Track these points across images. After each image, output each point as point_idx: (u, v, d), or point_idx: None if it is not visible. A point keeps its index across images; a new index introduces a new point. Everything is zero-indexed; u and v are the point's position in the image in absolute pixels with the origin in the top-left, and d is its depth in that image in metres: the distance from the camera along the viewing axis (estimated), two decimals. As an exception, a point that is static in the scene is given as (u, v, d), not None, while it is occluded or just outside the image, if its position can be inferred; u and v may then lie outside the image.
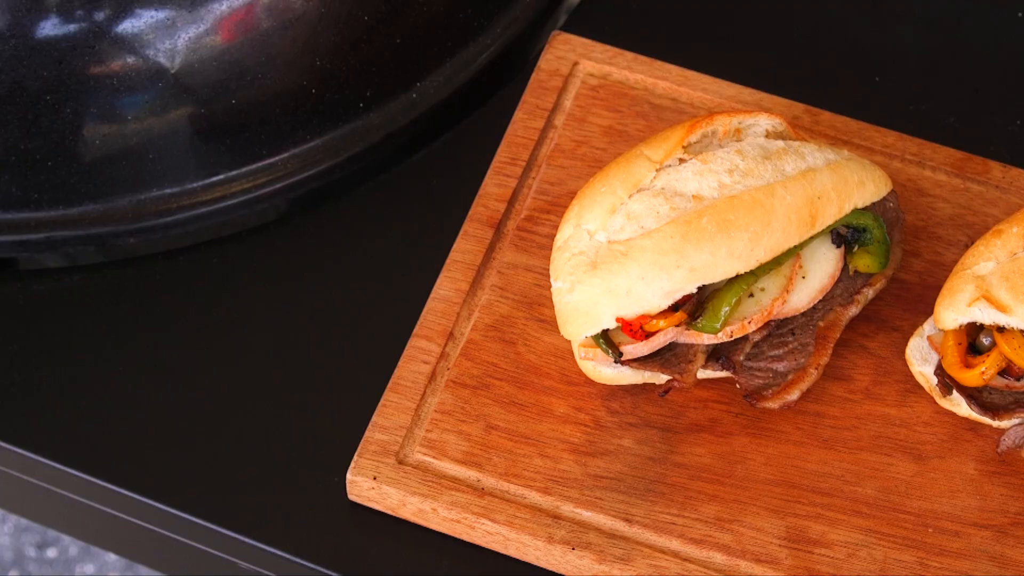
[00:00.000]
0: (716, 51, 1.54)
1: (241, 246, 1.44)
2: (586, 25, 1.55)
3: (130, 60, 1.37)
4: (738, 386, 1.31)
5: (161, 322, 1.40)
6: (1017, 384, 1.28)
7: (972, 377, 1.27)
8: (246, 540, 1.32)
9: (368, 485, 1.30)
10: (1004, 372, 1.28)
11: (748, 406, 1.32)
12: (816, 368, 1.32)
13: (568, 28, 1.54)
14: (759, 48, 1.55)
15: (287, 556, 1.31)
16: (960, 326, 1.28)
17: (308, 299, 1.41)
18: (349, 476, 1.30)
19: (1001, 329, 1.27)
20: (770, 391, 1.31)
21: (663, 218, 1.26)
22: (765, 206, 1.27)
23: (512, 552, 1.29)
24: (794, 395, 1.31)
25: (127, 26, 1.36)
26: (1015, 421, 1.29)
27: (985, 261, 1.28)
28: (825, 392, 1.34)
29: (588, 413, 1.33)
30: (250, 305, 1.41)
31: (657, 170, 1.29)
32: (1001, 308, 1.25)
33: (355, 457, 1.30)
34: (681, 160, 1.30)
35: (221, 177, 1.42)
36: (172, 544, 1.36)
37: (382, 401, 1.33)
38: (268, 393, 1.37)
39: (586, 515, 1.29)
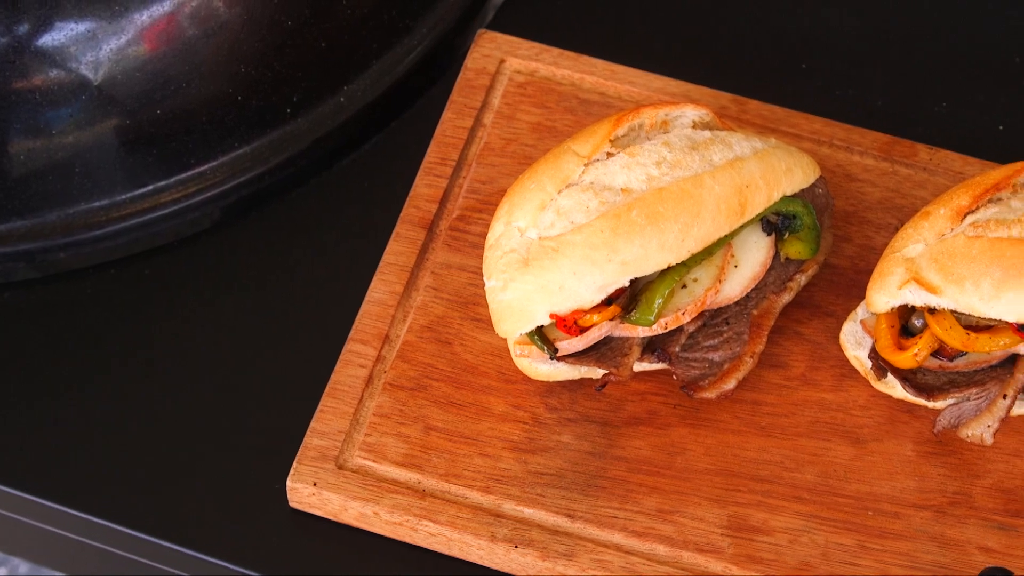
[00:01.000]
0: (642, 44, 1.55)
1: (174, 256, 1.43)
2: (512, 22, 1.55)
3: (53, 74, 1.36)
4: (675, 377, 1.31)
5: (94, 335, 1.39)
6: (950, 364, 1.29)
7: (906, 359, 1.28)
8: (188, 552, 1.31)
9: (308, 491, 1.29)
10: (937, 353, 1.29)
11: (686, 397, 1.33)
12: (751, 356, 1.32)
13: (494, 26, 1.54)
14: (685, 39, 1.56)
15: (230, 566, 1.30)
16: (892, 309, 1.29)
17: (243, 307, 1.41)
18: (289, 483, 1.30)
19: (932, 310, 1.27)
20: (707, 381, 1.31)
21: (593, 212, 1.27)
22: (694, 197, 1.27)
23: (456, 552, 1.29)
24: (730, 384, 1.31)
25: (48, 39, 1.35)
26: (950, 401, 1.30)
27: (914, 243, 1.29)
28: (762, 380, 1.34)
29: (526, 410, 1.33)
30: (184, 315, 1.40)
31: (585, 165, 1.29)
32: (931, 289, 1.26)
33: (294, 464, 1.30)
34: (609, 154, 1.30)
35: (150, 188, 1.42)
36: (113, 558, 1.36)
37: (320, 407, 1.32)
38: (205, 402, 1.36)
39: (528, 512, 1.29)
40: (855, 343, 1.33)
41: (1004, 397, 1.28)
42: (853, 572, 1.26)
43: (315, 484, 1.29)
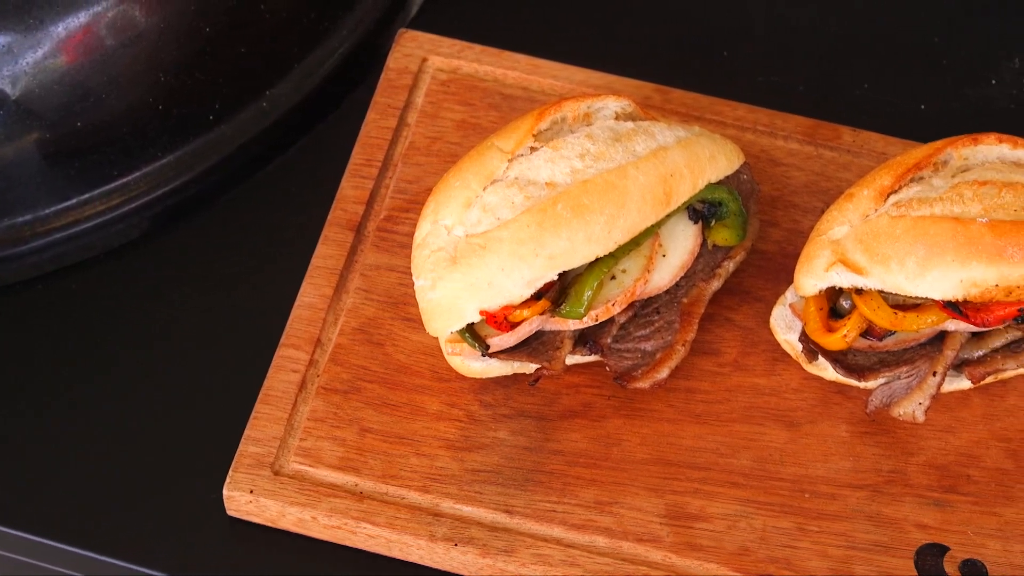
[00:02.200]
0: (565, 38, 1.55)
1: (103, 268, 1.42)
2: (434, 21, 1.55)
3: (-31, 89, 1.35)
4: (608, 369, 1.32)
5: (25, 350, 1.38)
6: (880, 344, 1.30)
7: (835, 341, 1.29)
8: (128, 566, 1.30)
9: (246, 499, 1.29)
10: (866, 333, 1.29)
11: (620, 388, 1.33)
12: (683, 345, 1.32)
13: (415, 25, 1.54)
14: (607, 31, 1.56)
15: (170, 578, 1.30)
16: (820, 292, 1.29)
17: (173, 316, 1.40)
18: (225, 491, 1.29)
19: (859, 291, 1.28)
20: (640, 371, 1.31)
21: (518, 208, 1.27)
22: (618, 188, 1.28)
23: (396, 553, 1.29)
24: (663, 373, 1.31)
25: (-36, 55, 1.34)
26: (881, 381, 1.30)
27: (839, 226, 1.29)
28: (695, 367, 1.35)
29: (461, 408, 1.33)
30: (115, 327, 1.39)
31: (509, 160, 1.29)
32: (857, 270, 1.27)
33: (230, 472, 1.29)
34: (533, 149, 1.30)
35: (74, 201, 1.41)
36: (52, 576, 1.35)
37: (254, 413, 1.32)
38: (139, 414, 1.35)
39: (467, 510, 1.29)
40: (785, 327, 1.33)
41: (934, 374, 1.28)
42: (792, 555, 1.27)
43: (252, 491, 1.29)
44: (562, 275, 1.29)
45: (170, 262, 1.43)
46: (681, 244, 1.34)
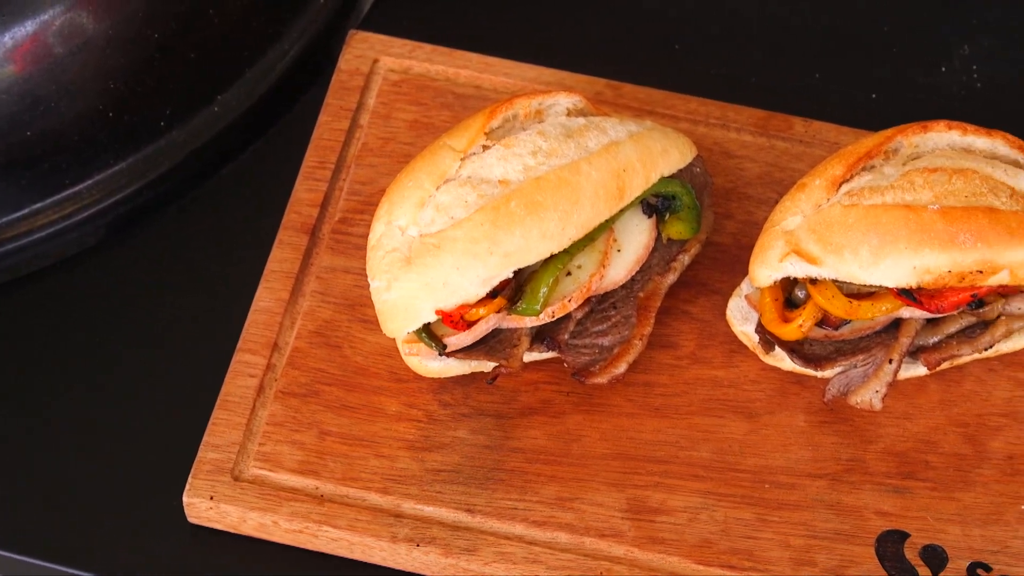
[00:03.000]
0: (516, 35, 1.55)
1: (57, 277, 1.42)
2: (384, 22, 1.55)
3: (-83, 101, 1.34)
4: (566, 365, 1.32)
5: (-20, 363, 1.38)
6: (835, 333, 1.30)
7: (791, 331, 1.29)
8: None
9: (206, 506, 1.29)
10: (822, 323, 1.30)
11: (578, 384, 1.33)
12: (640, 339, 1.32)
13: (366, 26, 1.54)
14: (559, 28, 1.56)
15: (133, 587, 1.29)
16: (775, 282, 1.30)
17: (129, 324, 1.39)
18: (185, 498, 1.29)
19: (814, 281, 1.28)
20: (598, 366, 1.31)
21: (472, 206, 1.26)
22: (571, 184, 1.28)
23: (358, 555, 1.29)
24: (621, 368, 1.31)
25: (-89, 67, 1.33)
26: (838, 369, 1.31)
27: (792, 216, 1.30)
28: (653, 361, 1.35)
29: (420, 408, 1.33)
30: (70, 336, 1.38)
31: (462, 159, 1.29)
32: (811, 260, 1.27)
33: (190, 479, 1.29)
34: (485, 147, 1.30)
35: (26, 211, 1.40)
36: (13, 588, 1.34)
37: (212, 419, 1.31)
38: (96, 422, 1.35)
39: (428, 510, 1.29)
40: (742, 318, 1.34)
41: (890, 362, 1.29)
42: (753, 546, 1.27)
43: (212, 498, 1.28)
44: (517, 273, 1.29)
45: (124, 270, 1.42)
46: (636, 238, 1.34)
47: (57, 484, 1.32)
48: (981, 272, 1.25)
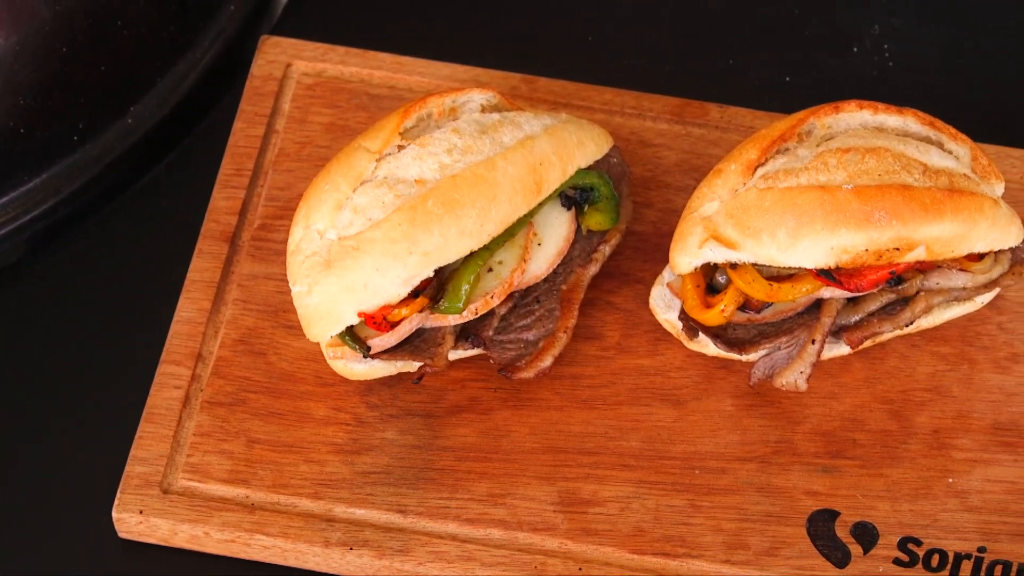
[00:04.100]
0: (429, 34, 1.55)
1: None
2: (296, 26, 1.54)
3: None
4: (492, 361, 1.32)
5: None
6: (758, 316, 1.31)
7: (714, 316, 1.30)
8: (22, 596, 1.29)
9: (136, 520, 1.28)
10: (744, 307, 1.30)
11: (505, 380, 1.33)
12: (565, 332, 1.33)
13: (278, 31, 1.53)
14: (471, 25, 1.56)
15: (65, 605, 1.28)
16: (695, 269, 1.30)
17: (52, 339, 1.38)
18: (115, 514, 1.28)
19: (734, 266, 1.29)
20: (523, 361, 1.31)
21: (389, 207, 1.26)
22: (488, 180, 1.28)
23: (292, 562, 1.28)
24: (547, 362, 1.31)
25: None
26: (762, 352, 1.31)
27: (710, 202, 1.30)
28: (579, 353, 1.35)
29: (348, 412, 1.32)
30: (-8, 356, 1.38)
31: (377, 160, 1.29)
32: (730, 245, 1.27)
33: (118, 493, 1.28)
34: (400, 147, 1.30)
35: (-59, 231, 1.39)
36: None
37: (138, 433, 1.30)
38: (22, 439, 1.33)
39: (360, 513, 1.28)
40: (664, 306, 1.34)
41: (813, 342, 1.30)
42: (686, 532, 1.28)
43: (141, 512, 1.27)
44: (439, 271, 1.29)
45: (44, 286, 1.41)
46: (556, 231, 1.34)
47: (-16, 506, 1.31)
48: (898, 249, 1.26)
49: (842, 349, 1.33)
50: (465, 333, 1.32)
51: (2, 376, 1.36)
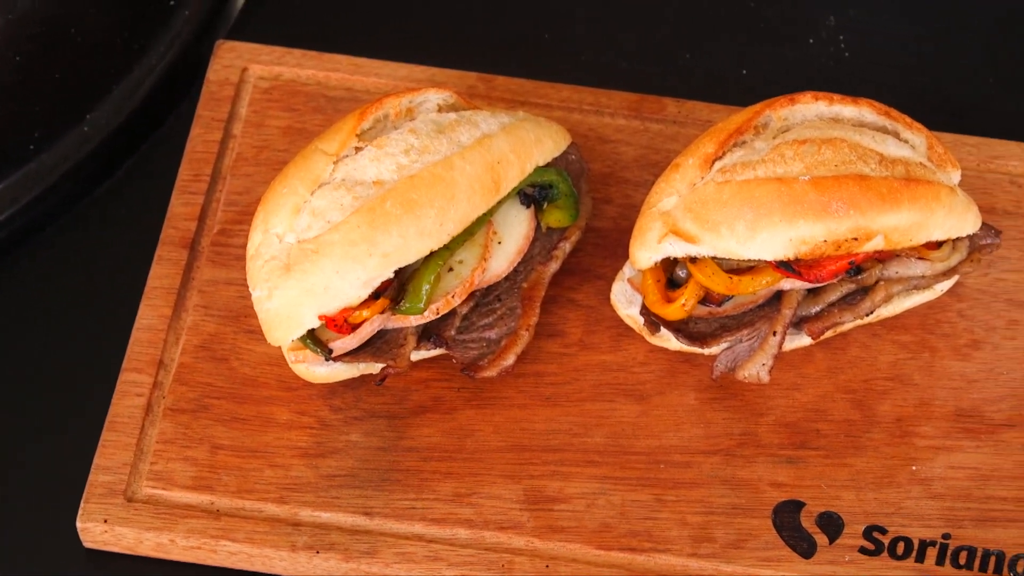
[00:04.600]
0: (386, 35, 1.55)
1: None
2: (252, 29, 1.54)
3: None
4: (454, 361, 1.31)
5: None
6: (719, 310, 1.31)
7: (675, 311, 1.30)
8: (-12, 609, 1.28)
9: (100, 529, 1.27)
10: (705, 300, 1.31)
11: (468, 379, 1.33)
12: (527, 329, 1.33)
13: (234, 35, 1.53)
14: (428, 25, 1.56)
15: (32, 617, 1.28)
16: (655, 264, 1.30)
17: (12, 349, 1.37)
18: (79, 523, 1.27)
19: (694, 259, 1.29)
20: (486, 360, 1.31)
21: (347, 209, 1.26)
22: (446, 180, 1.27)
23: (259, 567, 1.28)
24: (510, 360, 1.31)
25: None
26: (724, 345, 1.32)
27: (668, 196, 1.30)
28: (541, 351, 1.35)
29: (311, 415, 1.32)
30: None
31: (335, 163, 1.28)
32: (689, 239, 1.28)
33: (82, 503, 1.27)
34: (357, 149, 1.29)
35: (-101, 244, 1.38)
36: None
37: (101, 441, 1.30)
38: (-15, 454, 1.33)
39: (325, 516, 1.28)
40: (626, 302, 1.34)
41: (774, 334, 1.30)
42: (652, 526, 1.28)
43: (106, 521, 1.27)
44: (399, 272, 1.29)
45: (4, 296, 1.40)
46: (515, 230, 1.34)
47: (-53, 519, 1.30)
48: (856, 239, 1.26)
49: (803, 340, 1.34)
50: (427, 333, 1.32)
51: (-36, 388, 1.36)
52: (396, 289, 1.29)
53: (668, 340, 1.33)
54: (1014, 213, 1.41)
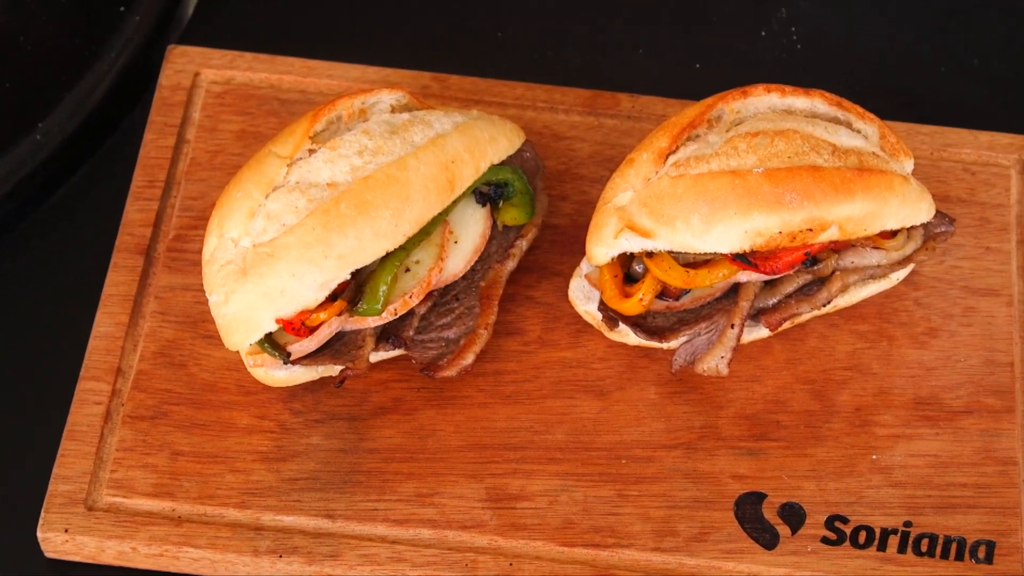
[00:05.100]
0: (339, 36, 1.54)
1: None
2: (205, 34, 1.53)
3: None
4: (414, 361, 1.31)
5: None
6: (676, 304, 1.31)
7: (633, 306, 1.30)
8: (-50, 622, 1.27)
9: (62, 539, 1.27)
10: (662, 295, 1.31)
11: (428, 379, 1.33)
12: (486, 328, 1.33)
13: (186, 39, 1.52)
14: (380, 25, 1.56)
15: (-5, 629, 1.27)
16: (612, 259, 1.30)
17: (-30, 362, 1.37)
18: (40, 533, 1.27)
19: (650, 254, 1.29)
20: (445, 360, 1.31)
21: (302, 212, 1.26)
22: (400, 180, 1.27)
23: (222, 572, 1.27)
24: (469, 359, 1.31)
25: None
26: (682, 339, 1.32)
27: (623, 192, 1.30)
28: (501, 349, 1.35)
29: (272, 419, 1.32)
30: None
31: (288, 166, 1.28)
32: (645, 234, 1.28)
33: (42, 513, 1.27)
34: (311, 151, 1.29)
35: None
36: None
37: (60, 451, 1.29)
38: (-57, 467, 1.32)
39: (288, 520, 1.28)
40: (584, 298, 1.34)
41: (732, 326, 1.30)
42: (615, 522, 1.28)
43: (67, 530, 1.26)
44: (356, 273, 1.28)
45: (-40, 308, 1.40)
46: (472, 229, 1.34)
47: (-93, 533, 1.30)
48: (811, 230, 1.27)
49: (762, 332, 1.34)
50: (386, 334, 1.31)
51: (-79, 400, 1.35)
52: (353, 291, 1.29)
53: (627, 335, 1.33)
54: (968, 200, 1.42)
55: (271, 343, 1.27)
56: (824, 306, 1.33)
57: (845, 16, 1.58)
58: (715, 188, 1.26)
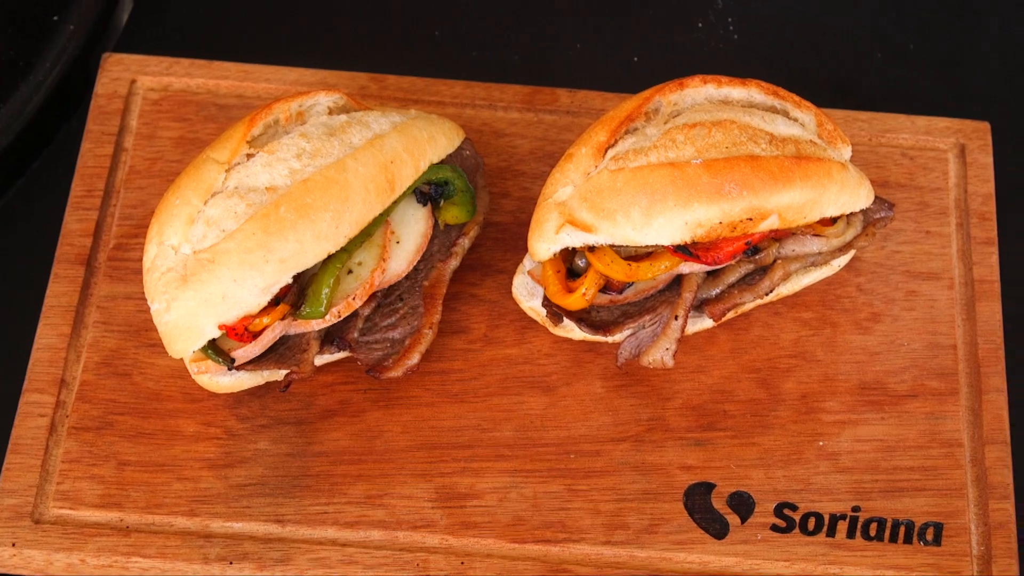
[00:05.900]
0: (276, 40, 1.54)
1: None
2: (141, 41, 1.52)
3: None
4: (359, 363, 1.31)
5: None
6: (620, 297, 1.31)
7: (576, 300, 1.30)
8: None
9: (9, 553, 1.26)
10: (605, 288, 1.31)
11: (374, 380, 1.33)
12: (430, 328, 1.32)
13: (122, 47, 1.51)
14: (317, 28, 1.55)
15: (-56, 646, 1.26)
16: (554, 255, 1.31)
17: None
18: (-13, 549, 1.26)
19: (592, 248, 1.29)
20: (391, 360, 1.31)
21: (242, 217, 1.25)
22: (339, 182, 1.27)
23: (173, 582, 1.27)
24: (414, 359, 1.31)
25: None
26: (627, 332, 1.32)
27: (563, 187, 1.30)
28: (446, 348, 1.35)
29: (218, 426, 1.31)
30: None
31: (227, 171, 1.28)
32: (586, 228, 1.28)
33: (-11, 529, 1.26)
34: (249, 156, 1.29)
35: None
36: None
37: (4, 464, 1.28)
38: None
39: (237, 527, 1.27)
40: (528, 294, 1.34)
41: (676, 318, 1.30)
42: (565, 517, 1.28)
43: (14, 544, 1.26)
44: (298, 277, 1.28)
45: (-100, 324, 1.39)
46: (413, 228, 1.34)
47: None
48: (751, 219, 1.27)
49: (706, 323, 1.34)
50: (330, 337, 1.31)
51: None
52: (296, 294, 1.28)
53: (572, 330, 1.33)
54: (907, 185, 1.43)
55: (215, 350, 1.27)
56: (767, 295, 1.34)
57: (781, 5, 1.58)
58: (654, 180, 1.26)
